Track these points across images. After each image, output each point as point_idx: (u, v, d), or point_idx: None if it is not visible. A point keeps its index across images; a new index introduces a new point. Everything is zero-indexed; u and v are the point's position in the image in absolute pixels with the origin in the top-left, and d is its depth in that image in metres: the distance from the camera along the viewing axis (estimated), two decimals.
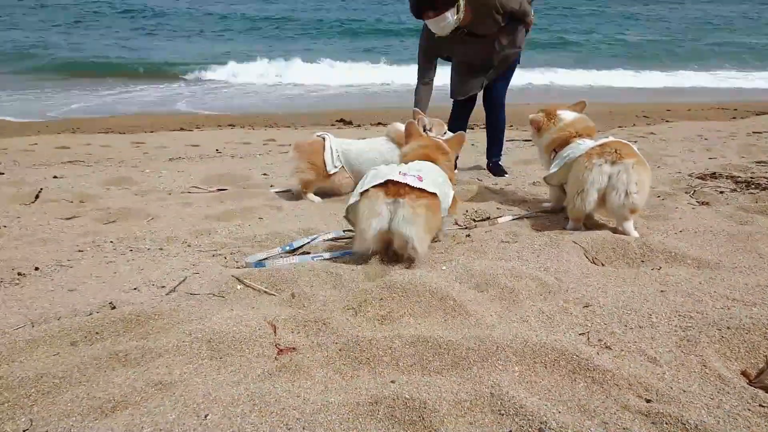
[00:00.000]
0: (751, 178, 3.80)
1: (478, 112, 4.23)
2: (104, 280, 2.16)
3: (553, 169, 2.88)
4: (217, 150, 5.84)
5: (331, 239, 2.63)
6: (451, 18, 3.42)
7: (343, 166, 3.52)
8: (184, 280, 2.07)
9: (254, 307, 1.86)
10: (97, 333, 1.65)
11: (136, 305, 1.80)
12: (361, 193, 2.20)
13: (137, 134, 6.76)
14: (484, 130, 4.46)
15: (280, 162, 5.04)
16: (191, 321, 1.70)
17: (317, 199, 3.54)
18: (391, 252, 2.23)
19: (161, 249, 2.57)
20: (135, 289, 2.04)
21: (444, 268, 2.14)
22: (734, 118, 8.56)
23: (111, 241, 2.68)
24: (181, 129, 7.23)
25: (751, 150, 5.13)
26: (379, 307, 1.85)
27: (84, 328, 1.65)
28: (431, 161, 2.45)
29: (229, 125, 7.67)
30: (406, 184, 2.12)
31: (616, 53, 16.80)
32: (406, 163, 2.43)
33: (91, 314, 1.77)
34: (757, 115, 8.76)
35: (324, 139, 3.53)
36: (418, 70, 3.88)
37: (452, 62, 3.99)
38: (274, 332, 1.66)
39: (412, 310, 1.84)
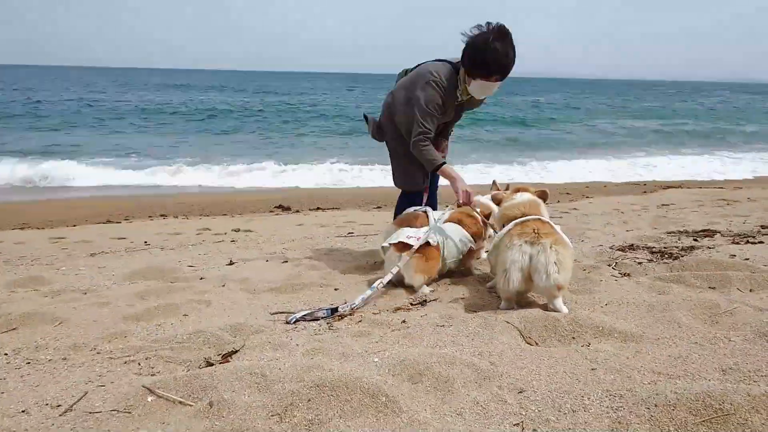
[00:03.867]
0: (665, 248, 4.08)
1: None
2: None
3: (488, 250, 2.95)
4: (145, 242, 5.57)
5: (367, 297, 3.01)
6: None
7: None
8: (84, 396, 1.84)
9: (164, 423, 1.66)
10: None
11: None
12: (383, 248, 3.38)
13: (57, 229, 6.36)
14: None
15: (213, 252, 4.86)
16: None
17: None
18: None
19: (65, 359, 2.30)
20: (23, 411, 1.77)
21: (376, 360, 2.05)
22: (645, 192, 9.40)
23: (5, 354, 2.37)
24: (108, 221, 6.90)
25: (661, 221, 5.58)
26: (307, 410, 1.72)
27: None
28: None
29: (161, 215, 7.42)
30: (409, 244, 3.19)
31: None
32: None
33: None
34: (664, 189, 9.69)
35: (426, 212, 3.65)
36: (422, 132, 3.50)
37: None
38: None
39: (342, 410, 1.71)
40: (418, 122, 3.52)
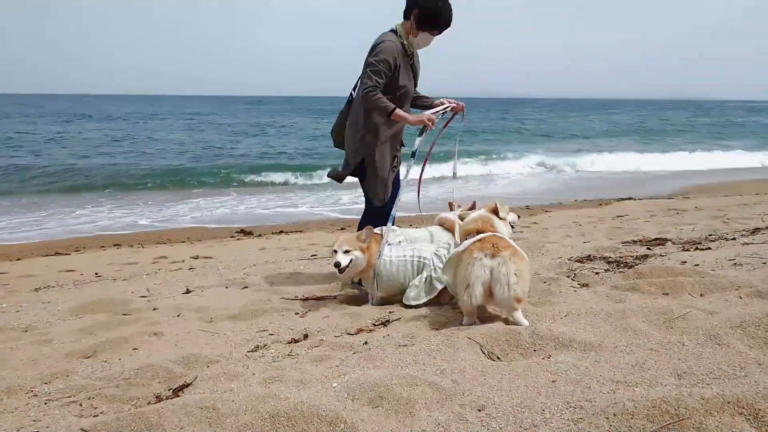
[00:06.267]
0: (620, 257, 4.18)
1: None
2: None
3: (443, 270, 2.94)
4: (96, 273, 5.30)
5: None
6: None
7: None
8: None
9: None
10: None
11: None
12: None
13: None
14: None
15: (170, 281, 4.66)
16: None
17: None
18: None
19: None
20: None
21: (335, 384, 1.97)
22: (600, 205, 9.70)
23: None
24: (56, 254, 6.54)
25: (616, 232, 5.75)
26: None
27: None
28: None
29: (115, 245, 7.10)
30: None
31: None
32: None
33: None
34: (618, 201, 10.04)
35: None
36: (373, 85, 3.59)
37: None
38: None
39: None
40: (369, 76, 3.62)
